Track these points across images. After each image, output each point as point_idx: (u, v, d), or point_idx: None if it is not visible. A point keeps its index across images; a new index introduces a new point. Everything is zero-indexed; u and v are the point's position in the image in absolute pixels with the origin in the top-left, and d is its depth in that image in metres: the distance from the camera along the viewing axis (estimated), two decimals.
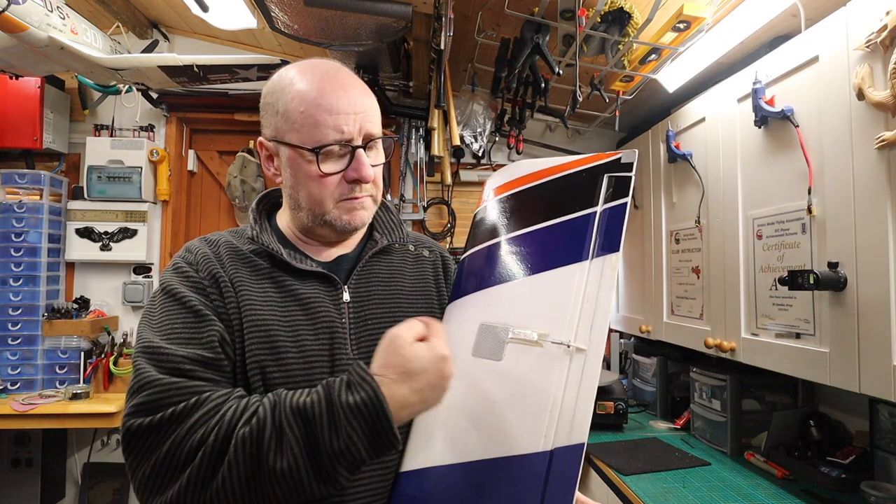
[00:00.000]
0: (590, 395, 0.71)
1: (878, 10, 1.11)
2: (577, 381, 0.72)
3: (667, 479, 1.58)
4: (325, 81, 0.79)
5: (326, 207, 0.80)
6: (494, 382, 0.75)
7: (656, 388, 2.31)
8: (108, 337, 2.53)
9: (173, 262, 0.82)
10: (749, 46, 1.77)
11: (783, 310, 1.42)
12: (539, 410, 0.72)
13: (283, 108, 0.80)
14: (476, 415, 0.75)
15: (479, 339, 0.78)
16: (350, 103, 0.78)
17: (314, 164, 0.77)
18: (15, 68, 1.96)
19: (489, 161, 2.80)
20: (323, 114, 0.77)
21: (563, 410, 0.71)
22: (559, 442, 0.70)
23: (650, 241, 2.23)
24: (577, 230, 0.80)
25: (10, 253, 2.37)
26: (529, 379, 0.74)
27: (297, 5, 1.68)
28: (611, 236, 0.78)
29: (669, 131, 2.00)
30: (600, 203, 0.80)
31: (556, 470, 0.69)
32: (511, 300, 0.80)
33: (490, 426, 0.73)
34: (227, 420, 0.63)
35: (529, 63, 1.89)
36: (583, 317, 0.75)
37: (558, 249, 0.80)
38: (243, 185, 2.67)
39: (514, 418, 0.73)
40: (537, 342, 0.75)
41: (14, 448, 2.47)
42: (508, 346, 0.76)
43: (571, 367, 0.73)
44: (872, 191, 1.14)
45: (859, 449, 1.53)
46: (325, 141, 0.77)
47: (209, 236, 0.85)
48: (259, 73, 2.14)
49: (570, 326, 0.75)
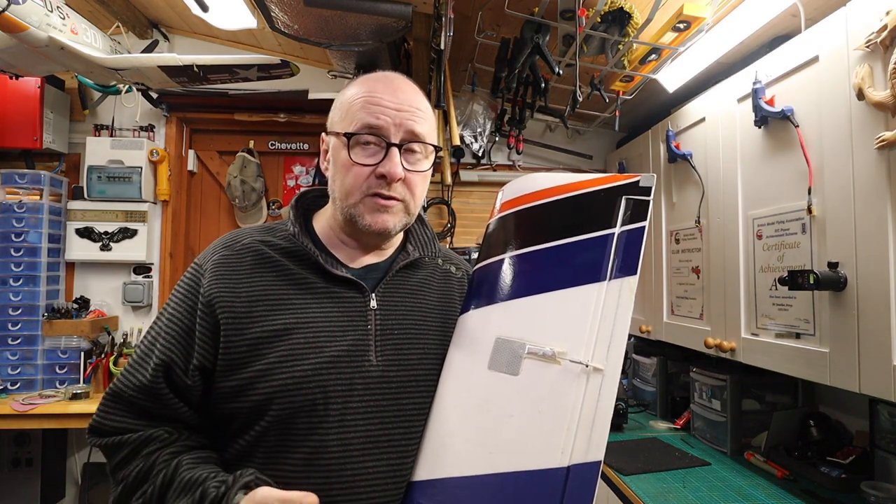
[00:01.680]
0: (607, 414, 0.72)
1: (878, 10, 1.11)
2: (595, 400, 0.73)
3: (667, 479, 1.58)
4: (379, 82, 0.83)
5: (354, 199, 0.81)
6: (511, 397, 0.75)
7: (656, 388, 2.31)
8: (108, 337, 2.53)
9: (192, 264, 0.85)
10: (749, 46, 1.77)
11: (783, 310, 1.42)
12: (556, 427, 0.72)
13: (338, 104, 0.85)
14: (491, 428, 0.75)
15: (495, 353, 0.78)
16: (393, 99, 0.81)
17: (346, 151, 0.80)
18: (15, 68, 1.96)
19: (489, 161, 2.80)
20: (366, 105, 0.80)
21: (581, 428, 0.72)
22: (576, 459, 0.71)
23: (650, 241, 2.22)
24: (595, 250, 0.80)
25: (10, 253, 2.37)
26: (547, 395, 0.74)
27: (297, 5, 1.68)
28: (629, 259, 0.78)
29: (669, 131, 2.00)
30: (618, 225, 0.80)
31: (573, 486, 0.70)
32: (527, 316, 0.80)
33: (506, 440, 0.74)
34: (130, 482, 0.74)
35: (529, 63, 1.89)
36: (600, 337, 0.76)
37: (576, 268, 0.80)
38: (243, 185, 2.67)
39: (531, 433, 0.73)
40: (555, 359, 0.76)
41: (14, 448, 2.47)
42: (525, 361, 0.77)
43: (589, 386, 0.74)
44: (872, 191, 1.14)
45: (859, 449, 1.52)
46: (358, 127, 0.80)
47: (237, 240, 0.85)
48: (259, 73, 2.14)
49: (588, 346, 0.75)
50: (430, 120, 0.85)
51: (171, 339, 0.78)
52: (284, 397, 0.73)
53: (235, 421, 0.76)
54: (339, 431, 0.74)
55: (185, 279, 0.83)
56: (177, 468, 0.72)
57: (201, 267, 0.82)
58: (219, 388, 0.76)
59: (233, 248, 0.83)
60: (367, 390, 0.77)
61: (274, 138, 2.82)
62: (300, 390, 0.74)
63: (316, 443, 0.73)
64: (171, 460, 0.73)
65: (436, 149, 0.86)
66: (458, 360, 0.81)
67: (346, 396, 0.75)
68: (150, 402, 0.77)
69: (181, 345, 0.78)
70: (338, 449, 0.74)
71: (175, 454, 0.74)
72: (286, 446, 0.74)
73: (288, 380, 0.74)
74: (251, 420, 0.75)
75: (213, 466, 0.73)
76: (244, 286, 0.79)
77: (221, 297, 0.78)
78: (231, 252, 0.83)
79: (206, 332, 0.77)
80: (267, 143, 2.82)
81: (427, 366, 0.82)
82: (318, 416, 0.74)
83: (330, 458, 0.73)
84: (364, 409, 0.76)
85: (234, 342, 0.76)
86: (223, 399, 0.76)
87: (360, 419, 0.75)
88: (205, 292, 0.78)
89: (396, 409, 0.78)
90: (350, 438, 0.74)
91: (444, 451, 0.76)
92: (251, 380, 0.74)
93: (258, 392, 0.74)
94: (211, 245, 0.86)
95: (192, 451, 0.76)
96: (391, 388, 0.78)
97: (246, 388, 0.74)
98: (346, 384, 0.75)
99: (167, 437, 0.76)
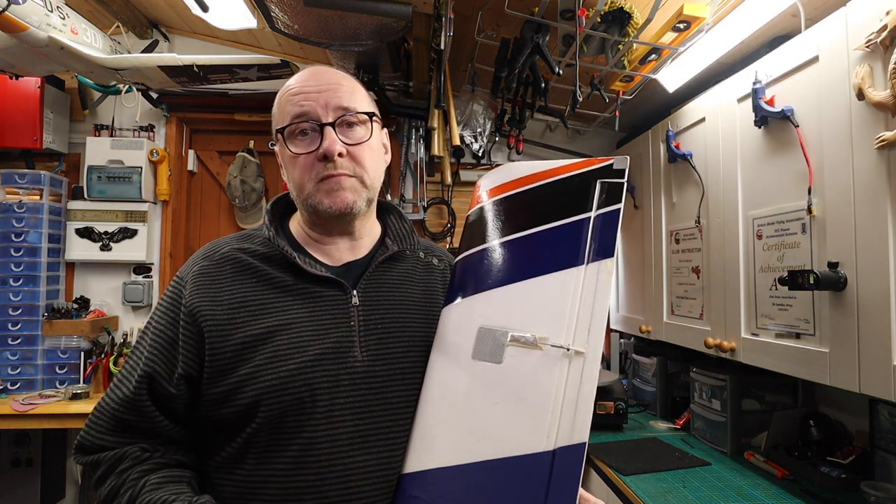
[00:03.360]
0: (590, 397, 0.73)
1: (878, 10, 1.11)
2: (577, 383, 0.74)
3: (667, 479, 1.58)
4: (301, 74, 0.84)
5: (307, 189, 0.82)
6: (495, 384, 0.77)
7: (656, 388, 2.31)
8: (108, 337, 2.53)
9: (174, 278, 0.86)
10: (749, 46, 1.77)
11: (783, 310, 1.42)
12: (541, 412, 0.73)
13: (274, 109, 0.86)
14: (478, 416, 0.76)
15: (478, 342, 0.79)
16: (315, 83, 0.82)
17: (285, 148, 0.82)
18: (15, 68, 1.97)
19: (489, 161, 2.80)
20: (290, 97, 0.82)
21: (564, 411, 0.73)
22: (561, 442, 0.72)
23: (650, 241, 2.23)
24: (572, 235, 0.81)
25: (10, 253, 2.37)
26: (530, 381, 0.75)
27: (297, 5, 1.68)
28: (605, 241, 0.80)
29: (669, 131, 2.00)
30: (594, 208, 0.82)
31: (559, 469, 0.71)
32: (508, 304, 0.81)
33: (492, 427, 0.75)
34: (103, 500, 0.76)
35: (529, 63, 1.89)
36: (580, 321, 0.77)
37: (554, 254, 0.81)
38: (243, 185, 2.67)
39: (517, 419, 0.74)
40: (536, 345, 0.77)
41: (14, 448, 2.48)
42: (508, 348, 0.78)
43: (571, 369, 0.75)
44: (872, 191, 1.14)
45: (859, 449, 1.52)
46: (289, 120, 0.81)
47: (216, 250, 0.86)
48: (259, 73, 2.14)
49: (569, 330, 0.77)
50: (358, 91, 0.86)
51: (154, 351, 0.80)
52: (272, 398, 0.74)
53: (225, 426, 0.77)
54: (326, 428, 0.75)
55: (168, 293, 0.84)
56: (142, 488, 0.73)
57: (182, 279, 0.83)
58: (207, 395, 0.77)
59: (212, 259, 0.84)
60: (353, 386, 0.77)
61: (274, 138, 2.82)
62: (286, 390, 0.74)
63: (305, 440, 0.74)
64: (138, 479, 0.75)
65: (370, 115, 0.85)
66: (443, 351, 0.82)
67: (333, 393, 0.76)
68: (131, 415, 0.78)
69: (164, 356, 0.79)
70: (327, 445, 0.74)
71: (144, 473, 0.75)
72: (277, 446, 0.75)
73: (274, 380, 0.74)
74: (241, 424, 0.76)
75: (178, 486, 0.74)
76: (225, 294, 0.80)
77: (203, 307, 0.79)
78: (210, 262, 0.84)
79: (190, 342, 0.78)
80: (267, 143, 2.81)
81: (412, 359, 0.82)
82: (306, 413, 0.74)
83: (320, 454, 0.74)
84: (351, 404, 0.76)
85: (218, 349, 0.77)
86: (212, 405, 0.77)
87: (348, 414, 0.76)
88: (186, 303, 0.80)
89: (383, 402, 0.78)
90: (338, 434, 0.75)
91: (433, 442, 0.77)
92: (238, 384, 0.75)
93: (246, 395, 0.75)
94: (191, 257, 0.87)
95: (162, 470, 0.77)
96: (377, 382, 0.79)
97: (234, 392, 0.75)
98: (331, 381, 0.76)
99: (139, 455, 0.77)
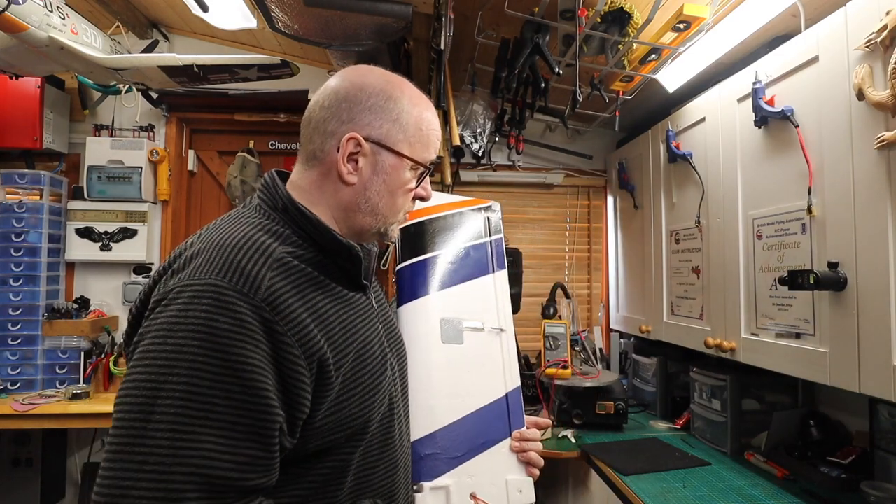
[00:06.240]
0: (515, 356, 1.11)
1: (878, 10, 1.11)
2: (508, 349, 1.11)
3: (667, 479, 1.58)
4: (430, 109, 0.84)
5: (397, 218, 0.85)
6: (463, 359, 1.06)
7: (656, 388, 2.31)
8: (108, 337, 2.52)
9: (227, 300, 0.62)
10: (749, 46, 1.77)
11: (783, 310, 1.42)
12: (495, 371, 1.08)
13: (403, 119, 0.79)
14: (457, 383, 1.04)
15: (443, 330, 1.07)
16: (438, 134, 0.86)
17: (412, 179, 0.83)
18: (15, 68, 1.96)
19: (489, 161, 2.80)
20: (434, 138, 0.84)
21: (506, 368, 1.09)
22: (510, 387, 1.07)
23: (650, 241, 2.23)
24: (482, 251, 1.18)
25: (10, 253, 2.37)
26: (484, 352, 1.09)
27: (297, 5, 1.68)
28: (499, 258, 1.18)
29: (669, 131, 2.00)
30: (489, 235, 1.20)
31: (513, 403, 1.06)
32: (458, 299, 1.11)
33: (469, 388, 1.04)
34: None
35: (529, 63, 1.89)
36: (499, 309, 1.14)
37: (478, 264, 1.16)
38: (243, 185, 2.66)
39: (483, 379, 1.06)
40: (482, 328, 1.11)
41: (14, 448, 2.48)
42: (465, 333, 1.09)
43: (502, 341, 1.11)
44: (872, 191, 1.14)
45: (859, 449, 1.52)
46: (431, 160, 0.84)
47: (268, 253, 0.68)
48: (259, 73, 2.14)
49: (496, 316, 1.13)
50: None
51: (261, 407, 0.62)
52: (378, 413, 0.78)
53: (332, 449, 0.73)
54: (399, 427, 0.85)
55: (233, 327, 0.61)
56: None
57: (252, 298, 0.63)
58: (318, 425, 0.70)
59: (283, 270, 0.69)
60: (395, 385, 0.86)
61: (274, 138, 2.82)
62: (384, 403, 0.80)
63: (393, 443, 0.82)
64: None
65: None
66: (417, 341, 1.04)
67: (396, 395, 0.85)
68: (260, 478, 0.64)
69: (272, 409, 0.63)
70: (398, 440, 0.84)
71: None
72: (381, 454, 0.80)
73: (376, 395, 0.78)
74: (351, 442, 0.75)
75: None
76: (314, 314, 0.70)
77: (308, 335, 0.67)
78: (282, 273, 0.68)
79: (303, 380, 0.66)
80: (267, 143, 2.82)
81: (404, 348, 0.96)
82: (391, 420, 0.82)
83: (401, 452, 0.85)
84: (399, 401, 0.87)
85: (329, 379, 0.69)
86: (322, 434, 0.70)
87: (402, 410, 0.89)
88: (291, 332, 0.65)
89: (404, 389, 0.92)
90: (404, 429, 0.88)
91: (432, 411, 0.99)
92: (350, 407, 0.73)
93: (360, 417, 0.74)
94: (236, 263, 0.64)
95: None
96: (402, 373, 0.92)
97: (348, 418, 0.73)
98: (393, 385, 0.85)
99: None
